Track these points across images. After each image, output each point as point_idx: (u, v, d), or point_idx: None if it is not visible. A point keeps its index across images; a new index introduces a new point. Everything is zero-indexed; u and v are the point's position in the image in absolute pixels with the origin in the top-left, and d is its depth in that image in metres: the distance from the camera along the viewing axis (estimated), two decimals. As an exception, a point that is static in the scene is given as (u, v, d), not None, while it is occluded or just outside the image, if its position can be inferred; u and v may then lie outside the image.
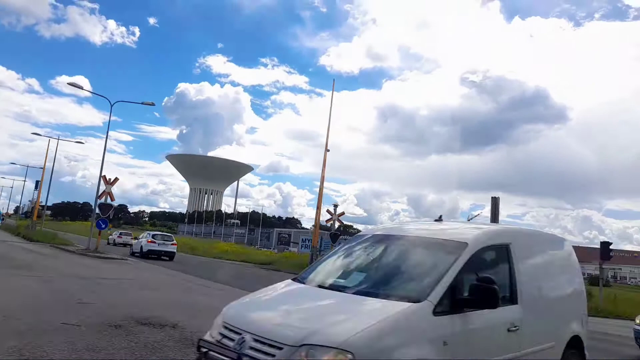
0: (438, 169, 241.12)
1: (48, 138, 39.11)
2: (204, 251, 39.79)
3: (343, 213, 25.56)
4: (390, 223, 6.23)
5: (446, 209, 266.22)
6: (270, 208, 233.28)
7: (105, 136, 26.17)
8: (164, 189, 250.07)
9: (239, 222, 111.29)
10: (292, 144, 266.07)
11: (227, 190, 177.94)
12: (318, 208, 25.90)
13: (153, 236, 24.78)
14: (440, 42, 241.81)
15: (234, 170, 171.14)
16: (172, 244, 24.52)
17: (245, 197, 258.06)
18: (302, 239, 71.61)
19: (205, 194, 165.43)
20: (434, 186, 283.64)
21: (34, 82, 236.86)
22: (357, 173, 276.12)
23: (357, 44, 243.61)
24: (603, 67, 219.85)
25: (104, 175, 22.16)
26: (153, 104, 27.58)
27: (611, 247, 21.57)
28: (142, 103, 26.64)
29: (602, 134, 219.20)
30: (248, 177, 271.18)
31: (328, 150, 25.74)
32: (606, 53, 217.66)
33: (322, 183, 25.91)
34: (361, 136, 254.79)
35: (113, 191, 21.69)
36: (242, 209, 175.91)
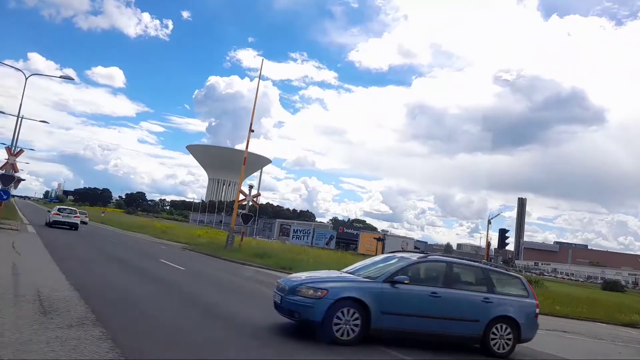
0: (467, 168, 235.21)
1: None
2: (141, 227, 40.52)
3: (259, 194, 24.31)
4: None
5: (474, 209, 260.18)
6: (295, 202, 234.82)
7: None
8: (192, 179, 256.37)
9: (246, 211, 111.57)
10: (318, 139, 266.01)
11: (253, 183, 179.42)
12: (239, 191, 24.83)
13: (59, 210, 28.45)
14: (473, 40, 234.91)
15: (253, 162, 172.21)
16: (75, 217, 28.20)
17: (271, 190, 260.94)
18: (294, 230, 71.05)
19: (224, 184, 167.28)
20: (462, 185, 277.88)
21: (70, 72, 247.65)
22: (384, 170, 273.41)
23: (387, 40, 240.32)
24: None
25: (8, 147, 21.94)
26: (72, 79, 27.74)
27: None
28: (60, 77, 26.35)
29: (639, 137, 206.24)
30: (274, 170, 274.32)
31: (252, 131, 24.69)
32: None
33: (244, 164, 24.84)
34: (389, 133, 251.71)
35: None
36: (268, 201, 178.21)
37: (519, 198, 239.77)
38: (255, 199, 23.48)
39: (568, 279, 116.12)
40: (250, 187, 24.27)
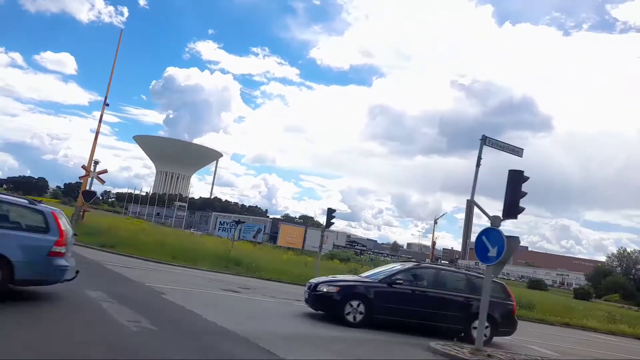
0: (423, 170, 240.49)
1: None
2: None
3: (106, 171, 23.69)
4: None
5: (429, 210, 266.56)
6: (254, 199, 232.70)
7: None
8: (148, 172, 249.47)
9: (186, 205, 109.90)
10: (279, 135, 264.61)
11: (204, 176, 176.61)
12: (83, 167, 24.09)
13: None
14: (432, 43, 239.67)
15: (203, 155, 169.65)
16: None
17: (230, 186, 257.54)
18: (220, 222, 70.47)
19: (172, 177, 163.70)
20: (418, 186, 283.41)
21: (17, 57, 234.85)
22: (344, 169, 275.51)
23: (348, 39, 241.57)
24: (590, 78, 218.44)
25: None
26: None
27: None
28: None
29: (585, 145, 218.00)
30: (233, 166, 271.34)
31: (107, 105, 24.19)
32: (593, 64, 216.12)
33: (96, 137, 24.27)
34: (350, 132, 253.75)
35: None
36: (226, 197, 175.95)
37: (467, 200, 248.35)
38: (100, 176, 22.86)
39: (501, 278, 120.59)
40: (96, 163, 23.06)
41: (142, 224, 40.88)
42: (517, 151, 8.91)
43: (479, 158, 8.61)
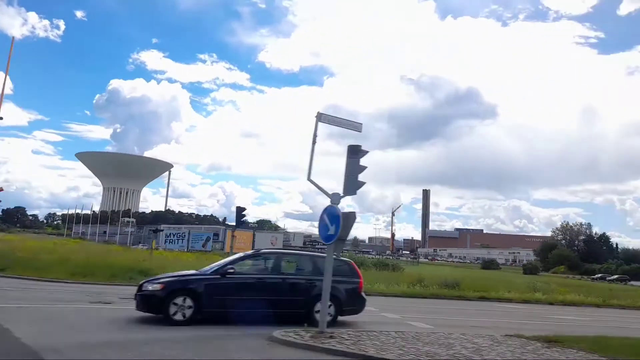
0: (380, 164, 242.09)
1: None
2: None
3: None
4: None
5: (388, 203, 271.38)
6: (213, 208, 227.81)
7: None
8: (98, 191, 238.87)
9: (134, 220, 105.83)
10: (234, 141, 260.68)
11: (169, 191, 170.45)
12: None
13: None
14: (379, 40, 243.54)
15: (153, 168, 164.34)
16: None
17: (186, 197, 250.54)
18: (166, 234, 68.15)
19: (120, 193, 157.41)
20: (376, 181, 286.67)
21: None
22: (302, 170, 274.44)
23: (296, 40, 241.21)
24: (529, 66, 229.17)
25: None
26: None
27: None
28: None
29: (528, 129, 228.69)
30: (188, 176, 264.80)
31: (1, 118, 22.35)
32: (531, 52, 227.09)
33: None
34: (305, 133, 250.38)
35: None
36: (184, 209, 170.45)
37: (423, 190, 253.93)
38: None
39: (458, 262, 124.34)
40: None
41: (67, 244, 38.55)
42: (355, 126, 8.53)
43: (315, 136, 8.19)
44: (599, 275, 75.50)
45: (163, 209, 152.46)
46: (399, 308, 14.00)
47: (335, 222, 7.48)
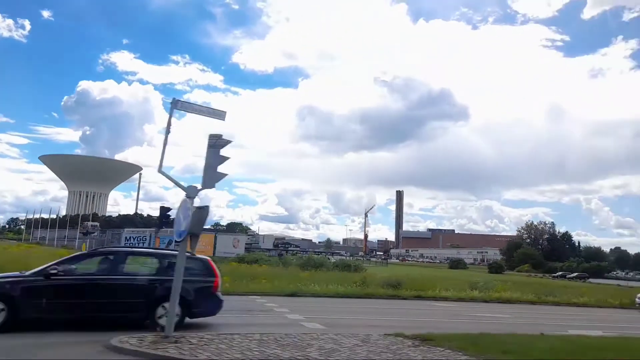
0: (355, 166, 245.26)
1: None
2: None
3: None
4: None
5: (364, 205, 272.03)
6: None
7: None
8: (66, 194, 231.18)
9: (98, 224, 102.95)
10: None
11: (141, 194, 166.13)
12: None
13: None
14: (353, 42, 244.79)
15: (122, 171, 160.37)
16: None
17: (159, 200, 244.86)
18: (126, 237, 66.24)
19: (87, 197, 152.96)
20: (352, 183, 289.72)
21: None
22: (277, 172, 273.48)
23: (270, 42, 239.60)
24: (498, 68, 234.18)
25: None
26: None
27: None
28: None
29: (499, 130, 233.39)
30: (162, 179, 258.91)
31: None
32: (500, 54, 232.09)
33: None
34: (280, 135, 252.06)
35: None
36: (157, 212, 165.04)
37: (397, 191, 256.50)
38: None
39: (428, 262, 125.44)
40: None
41: (8, 249, 36.81)
42: (218, 114, 8.02)
43: (169, 125, 7.67)
44: (560, 273, 77.20)
45: (139, 213, 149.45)
46: (314, 308, 13.60)
47: (188, 217, 6.97)
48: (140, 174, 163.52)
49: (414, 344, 7.53)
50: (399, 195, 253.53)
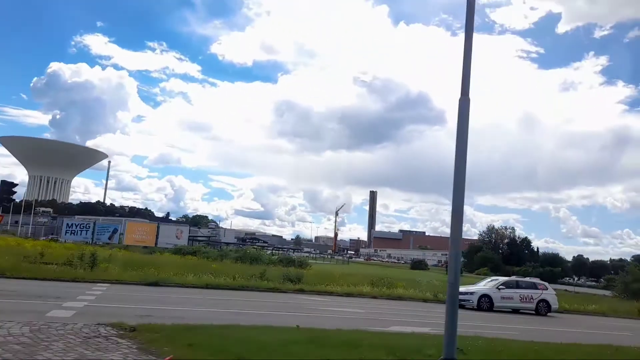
0: (332, 165, 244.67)
1: None
2: None
3: None
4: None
5: (340, 203, 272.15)
6: (160, 202, 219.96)
7: None
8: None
9: (51, 210, 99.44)
10: (184, 134, 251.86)
11: (114, 183, 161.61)
12: None
13: None
14: (334, 40, 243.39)
15: (86, 157, 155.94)
16: None
17: (132, 190, 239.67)
18: (67, 224, 63.72)
19: (48, 182, 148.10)
20: (328, 181, 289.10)
21: None
22: (254, 167, 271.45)
23: (250, 34, 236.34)
24: (474, 75, 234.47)
25: None
26: None
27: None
28: None
29: (474, 136, 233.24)
30: (134, 168, 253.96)
31: None
32: (477, 62, 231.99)
33: None
34: (257, 130, 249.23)
35: None
36: (129, 202, 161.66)
37: (370, 191, 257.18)
38: None
39: (392, 262, 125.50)
40: None
41: None
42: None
43: None
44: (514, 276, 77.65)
45: (101, 201, 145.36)
46: (139, 298, 12.33)
47: None
48: (110, 161, 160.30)
49: (119, 334, 6.25)
50: (373, 195, 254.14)
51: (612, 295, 41.42)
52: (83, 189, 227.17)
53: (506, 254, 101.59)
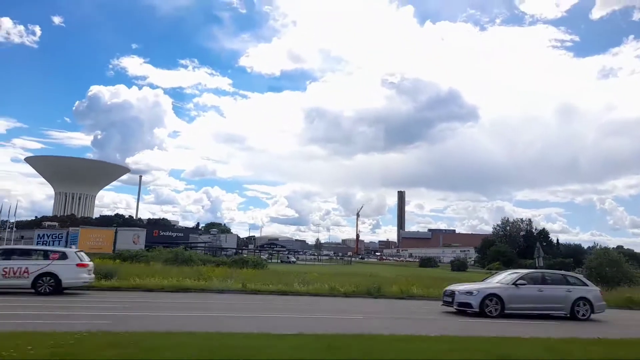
0: (365, 168, 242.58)
1: None
2: None
3: None
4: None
5: (374, 206, 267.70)
6: (198, 214, 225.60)
7: None
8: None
9: (57, 224, 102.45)
10: (218, 147, 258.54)
11: (152, 197, 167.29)
12: None
13: None
14: (359, 44, 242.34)
15: (107, 172, 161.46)
16: None
17: (170, 203, 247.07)
18: (38, 235, 64.48)
19: (72, 198, 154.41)
20: (361, 184, 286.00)
21: None
22: (287, 174, 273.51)
23: (277, 45, 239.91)
24: (507, 68, 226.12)
25: None
26: None
27: None
28: None
29: (508, 131, 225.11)
30: (172, 182, 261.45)
31: None
32: (509, 55, 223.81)
33: None
34: (289, 138, 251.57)
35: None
36: (168, 215, 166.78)
37: (398, 192, 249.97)
38: None
39: (408, 261, 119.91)
40: None
41: None
42: None
43: None
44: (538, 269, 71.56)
45: (145, 216, 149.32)
46: None
47: None
48: (140, 176, 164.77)
49: None
50: (401, 195, 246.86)
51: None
52: (125, 204, 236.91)
53: (522, 247, 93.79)
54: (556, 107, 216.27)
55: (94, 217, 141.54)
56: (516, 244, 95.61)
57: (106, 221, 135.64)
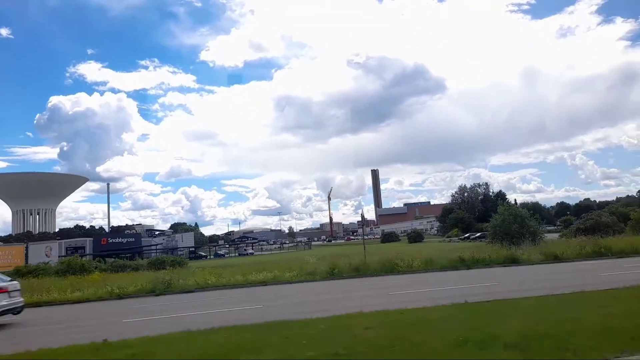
0: (340, 151, 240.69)
1: None
2: None
3: None
4: None
5: (354, 188, 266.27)
6: (178, 215, 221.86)
7: None
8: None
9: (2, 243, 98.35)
10: (190, 145, 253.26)
11: (129, 203, 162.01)
12: None
13: None
14: (321, 28, 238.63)
15: (65, 183, 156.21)
16: None
17: (148, 208, 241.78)
18: None
19: (31, 214, 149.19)
20: (339, 167, 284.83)
21: None
22: (264, 166, 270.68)
23: (237, 36, 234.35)
24: (469, 37, 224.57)
25: None
26: None
27: None
28: None
29: (476, 99, 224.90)
30: (148, 186, 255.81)
31: None
32: (468, 23, 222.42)
33: None
34: (261, 128, 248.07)
35: None
36: (147, 221, 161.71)
37: (371, 170, 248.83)
38: None
39: (374, 238, 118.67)
40: None
41: None
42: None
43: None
44: (468, 234, 70.84)
45: (120, 224, 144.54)
46: None
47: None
48: (108, 184, 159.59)
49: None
50: (375, 174, 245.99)
51: (486, 242, 35.05)
52: (102, 214, 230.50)
53: (481, 211, 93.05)
54: (519, 71, 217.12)
55: (53, 232, 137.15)
56: (475, 210, 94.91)
57: (65, 234, 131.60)
